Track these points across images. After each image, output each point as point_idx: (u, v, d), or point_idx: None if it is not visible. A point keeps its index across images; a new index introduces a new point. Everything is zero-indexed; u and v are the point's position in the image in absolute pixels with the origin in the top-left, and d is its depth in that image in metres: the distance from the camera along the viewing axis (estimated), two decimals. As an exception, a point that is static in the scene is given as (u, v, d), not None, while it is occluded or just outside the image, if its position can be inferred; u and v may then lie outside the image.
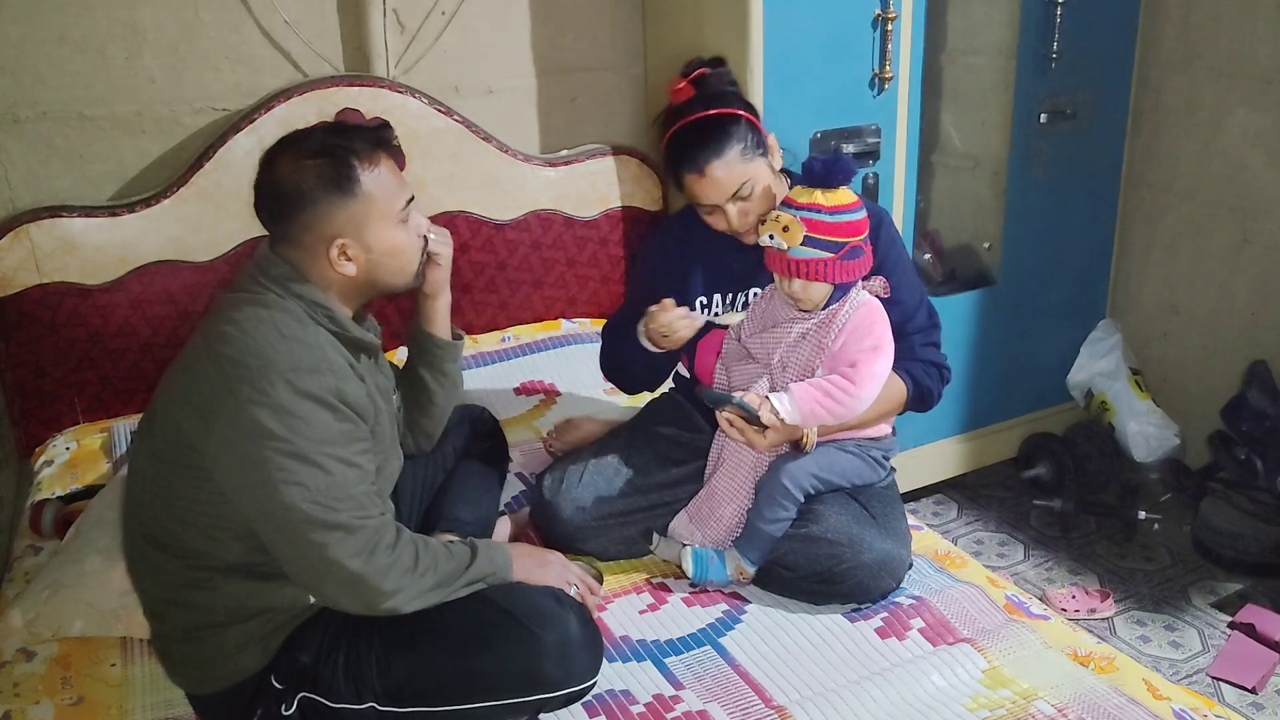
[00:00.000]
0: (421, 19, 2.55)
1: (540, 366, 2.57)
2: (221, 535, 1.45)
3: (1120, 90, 2.90)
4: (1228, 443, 2.71)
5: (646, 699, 1.57)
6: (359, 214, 1.47)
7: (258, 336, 1.41)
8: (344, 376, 1.45)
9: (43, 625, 1.69)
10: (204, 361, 1.42)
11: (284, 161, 1.47)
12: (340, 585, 1.41)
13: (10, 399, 2.32)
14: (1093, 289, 3.08)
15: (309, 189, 1.44)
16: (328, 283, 1.50)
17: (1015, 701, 1.54)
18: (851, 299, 1.77)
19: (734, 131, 1.79)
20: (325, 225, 1.46)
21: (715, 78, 1.85)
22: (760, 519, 1.78)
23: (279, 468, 1.36)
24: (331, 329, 1.48)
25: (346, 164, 1.46)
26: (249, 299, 1.46)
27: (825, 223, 1.70)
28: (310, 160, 1.45)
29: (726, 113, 1.81)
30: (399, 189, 1.52)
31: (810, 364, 1.77)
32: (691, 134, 1.80)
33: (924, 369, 1.88)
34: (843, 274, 1.72)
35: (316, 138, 1.49)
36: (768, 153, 1.84)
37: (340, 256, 1.48)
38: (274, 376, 1.37)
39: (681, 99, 1.84)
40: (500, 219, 2.67)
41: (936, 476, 2.95)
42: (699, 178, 1.80)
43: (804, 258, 1.71)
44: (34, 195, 2.31)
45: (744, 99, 1.88)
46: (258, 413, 1.36)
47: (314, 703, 1.48)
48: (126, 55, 2.31)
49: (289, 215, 1.46)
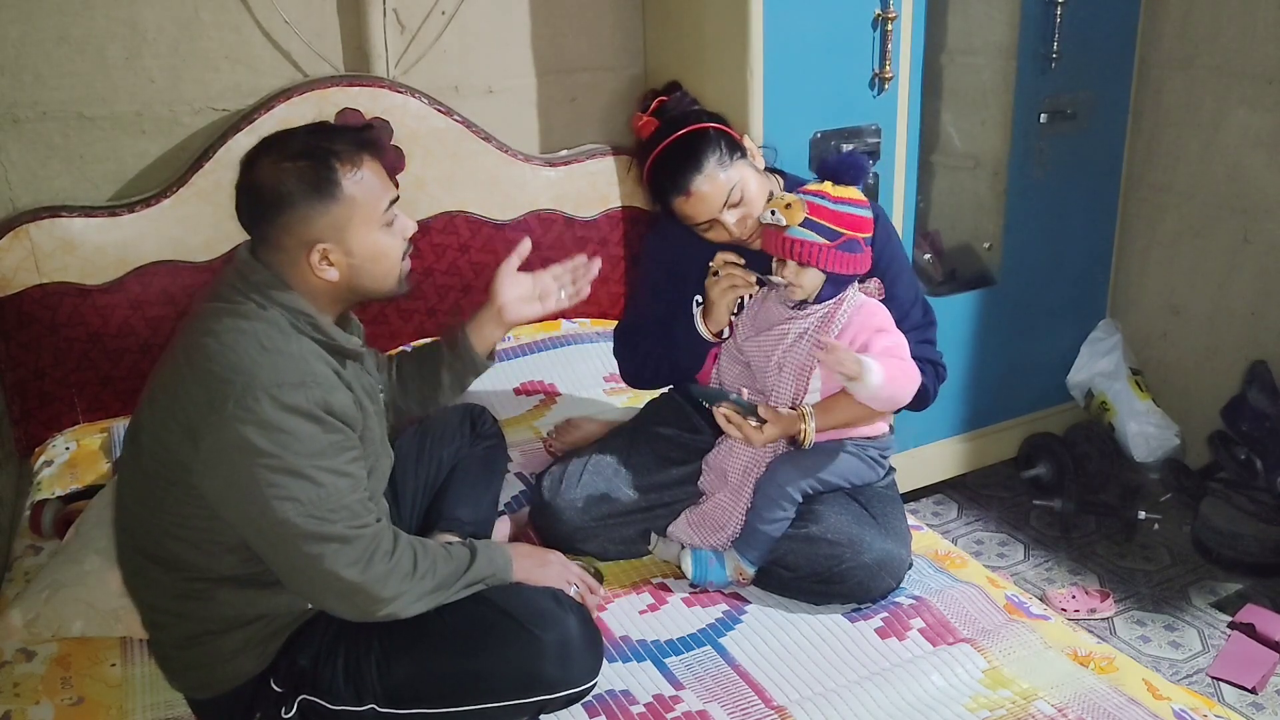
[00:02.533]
0: (421, 19, 2.55)
1: (540, 366, 2.57)
2: (214, 548, 1.44)
3: (1120, 90, 2.90)
4: (1228, 443, 2.71)
5: (646, 699, 1.57)
6: (340, 218, 1.44)
7: (239, 351, 1.38)
8: (330, 387, 1.42)
9: (43, 625, 1.69)
10: (186, 377, 1.40)
11: (265, 163, 1.44)
12: (338, 595, 1.41)
13: (10, 399, 2.32)
14: (1093, 289, 3.08)
15: (288, 192, 1.42)
16: (309, 288, 1.47)
17: (1015, 701, 1.54)
18: (849, 299, 1.77)
19: (706, 145, 1.79)
20: (305, 229, 1.43)
21: (674, 102, 1.89)
22: (759, 519, 1.78)
23: (270, 484, 1.35)
24: (315, 337, 1.46)
25: (327, 166, 1.43)
26: (229, 310, 1.43)
27: (827, 209, 1.72)
28: (290, 162, 1.43)
29: (693, 129, 1.82)
30: (382, 191, 1.48)
31: (808, 364, 1.77)
32: (666, 161, 1.81)
33: (920, 367, 1.86)
34: (836, 263, 1.73)
35: (298, 139, 1.46)
36: (746, 155, 1.84)
37: (321, 261, 1.45)
38: (258, 392, 1.35)
39: (648, 133, 1.87)
40: (500, 219, 2.67)
41: (936, 476, 2.95)
42: (686, 199, 1.80)
43: (800, 238, 1.72)
44: (34, 195, 2.31)
45: (709, 113, 1.89)
46: (244, 430, 1.34)
47: (314, 705, 1.48)
48: (126, 55, 2.31)
49: (269, 218, 1.44)
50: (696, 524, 1.88)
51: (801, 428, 1.76)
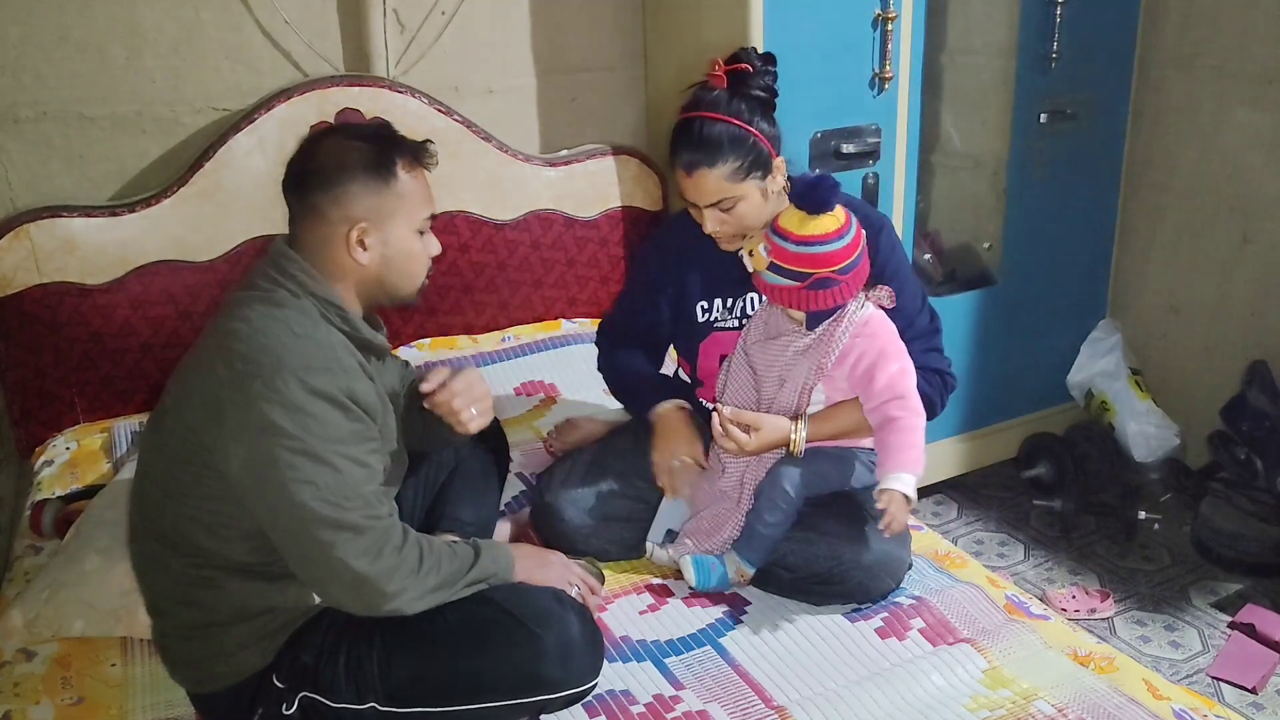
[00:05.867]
0: (421, 19, 2.55)
1: (540, 366, 2.57)
2: (229, 534, 1.45)
3: (1120, 90, 2.90)
4: (1228, 443, 2.71)
5: (647, 699, 1.57)
6: (388, 205, 1.49)
7: (270, 334, 1.41)
8: (355, 376, 1.45)
9: (43, 625, 1.69)
10: (215, 359, 1.42)
11: (330, 139, 1.51)
12: (345, 586, 1.41)
13: (10, 399, 2.32)
14: (1093, 289, 3.08)
15: (350, 164, 1.47)
16: (339, 270, 1.50)
17: (1015, 701, 1.54)
18: (849, 316, 1.74)
19: (739, 149, 1.75)
20: (354, 205, 1.47)
21: (754, 79, 1.79)
22: (759, 521, 1.78)
23: (289, 465, 1.36)
24: (343, 329, 1.49)
25: (389, 155, 1.49)
26: (261, 297, 1.46)
27: (790, 253, 1.68)
28: (358, 141, 1.50)
29: (742, 127, 1.76)
30: (428, 201, 1.55)
31: (807, 382, 1.76)
32: (697, 130, 1.76)
33: (925, 377, 1.84)
34: (810, 303, 1.70)
35: (368, 127, 1.55)
36: (769, 174, 1.80)
37: (358, 243, 1.49)
38: (286, 374, 1.37)
39: (712, 86, 1.80)
40: (500, 219, 2.67)
41: (936, 476, 2.95)
42: (685, 175, 1.78)
43: (770, 283, 1.71)
44: (34, 195, 2.31)
45: (769, 114, 1.81)
46: (269, 410, 1.36)
47: (315, 702, 1.48)
48: (126, 55, 2.31)
49: (323, 187, 1.47)
50: (693, 533, 1.87)
51: (792, 437, 1.76)
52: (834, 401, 1.78)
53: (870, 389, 1.73)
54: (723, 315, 1.95)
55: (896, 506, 1.67)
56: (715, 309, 1.95)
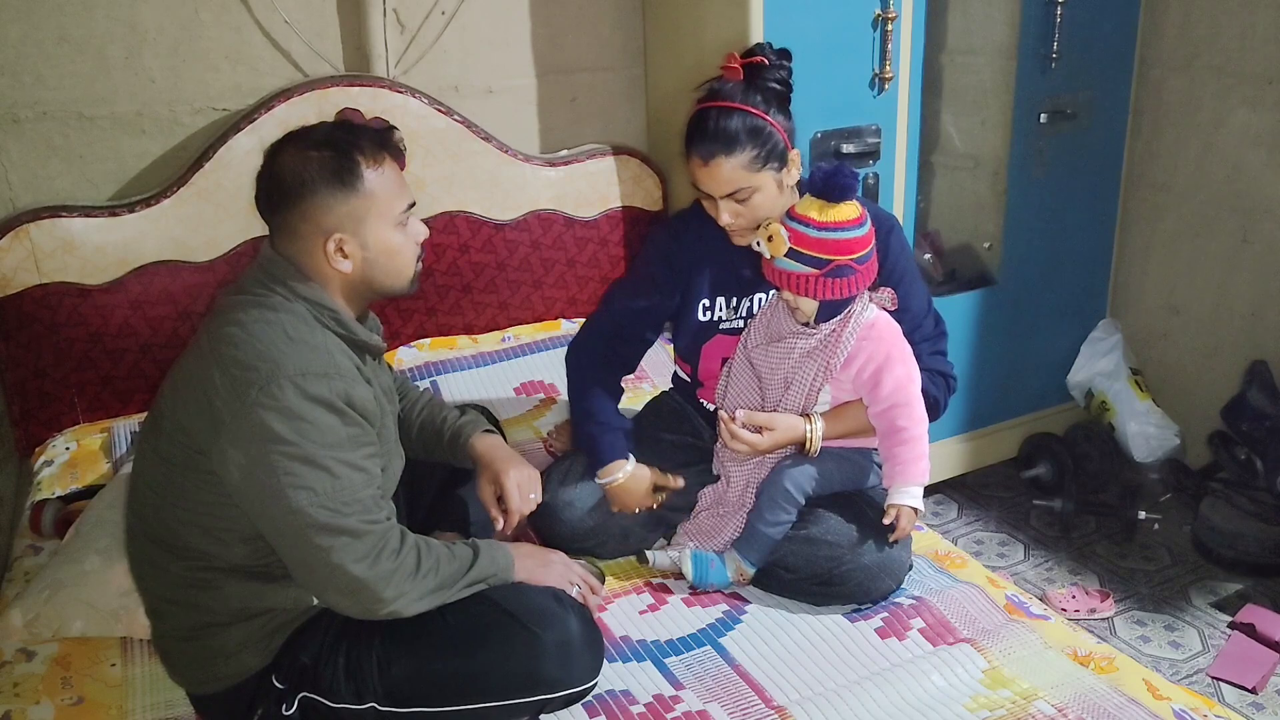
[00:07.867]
0: (421, 19, 2.55)
1: (540, 366, 2.57)
2: (227, 537, 1.45)
3: (1120, 90, 2.90)
4: (1228, 443, 2.71)
5: (646, 699, 1.57)
6: (358, 210, 1.46)
7: (265, 340, 1.40)
8: (352, 380, 1.44)
9: (43, 625, 1.69)
10: (210, 364, 1.41)
11: (289, 151, 1.46)
12: (342, 590, 1.41)
13: (10, 399, 2.32)
14: (1093, 289, 3.08)
15: (311, 179, 1.44)
16: (325, 279, 1.49)
17: (1015, 701, 1.54)
18: (856, 315, 1.75)
19: (756, 139, 1.75)
20: (324, 217, 1.45)
21: (770, 71, 1.79)
22: (761, 521, 1.78)
23: (286, 471, 1.36)
24: (338, 331, 1.48)
25: (350, 158, 1.45)
26: (254, 301, 1.46)
27: (810, 238, 1.68)
28: (315, 151, 1.45)
29: (759, 116, 1.76)
30: (401, 192, 1.51)
31: (815, 384, 1.77)
32: (714, 120, 1.76)
33: (930, 378, 1.85)
34: (826, 291, 1.70)
35: (323, 131, 1.50)
36: (785, 166, 1.80)
37: (336, 252, 1.47)
38: (282, 380, 1.37)
39: (728, 78, 1.80)
40: (500, 219, 2.67)
41: (936, 476, 2.94)
42: (701, 165, 1.77)
43: (786, 270, 1.71)
44: (34, 195, 2.31)
45: (785, 107, 1.81)
46: (266, 416, 1.36)
47: (314, 703, 1.48)
48: (126, 55, 2.31)
49: (289, 204, 1.45)
50: (694, 533, 1.87)
51: (807, 435, 1.76)
52: (840, 402, 1.79)
53: (876, 393, 1.73)
54: (728, 316, 1.95)
55: (906, 520, 1.74)
56: (719, 308, 1.95)
